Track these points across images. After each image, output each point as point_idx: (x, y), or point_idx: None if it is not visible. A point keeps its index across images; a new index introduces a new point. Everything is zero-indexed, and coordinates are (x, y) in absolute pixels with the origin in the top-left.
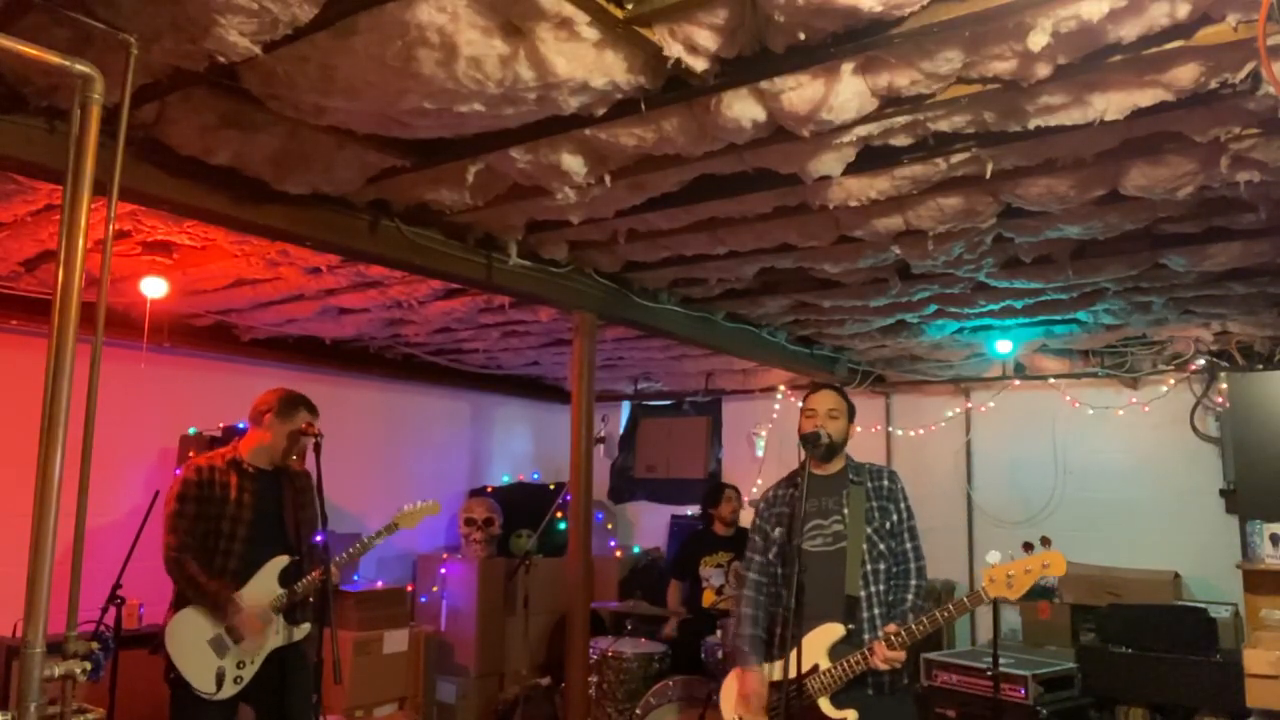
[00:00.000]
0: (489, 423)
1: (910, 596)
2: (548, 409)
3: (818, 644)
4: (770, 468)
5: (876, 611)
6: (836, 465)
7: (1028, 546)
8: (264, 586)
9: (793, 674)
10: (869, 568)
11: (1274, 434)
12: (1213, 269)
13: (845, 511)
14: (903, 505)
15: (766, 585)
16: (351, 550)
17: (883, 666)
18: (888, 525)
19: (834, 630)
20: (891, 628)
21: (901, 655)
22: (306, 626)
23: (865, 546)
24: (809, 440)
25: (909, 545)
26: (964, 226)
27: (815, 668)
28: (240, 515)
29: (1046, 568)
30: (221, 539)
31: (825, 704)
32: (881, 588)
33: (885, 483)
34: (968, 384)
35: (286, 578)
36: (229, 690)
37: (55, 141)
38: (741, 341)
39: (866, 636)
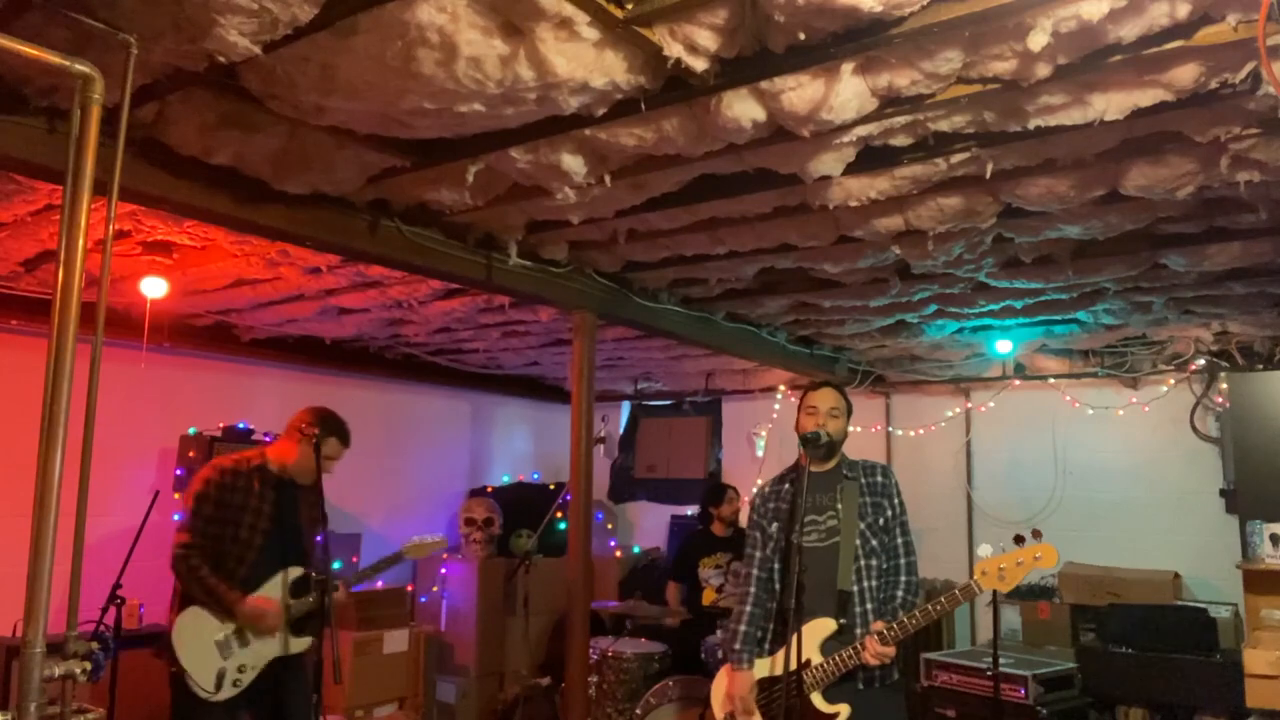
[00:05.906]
0: (489, 423)
1: (900, 593)
2: (548, 409)
3: (810, 639)
4: (770, 468)
5: (869, 606)
6: (832, 462)
7: (1019, 539)
8: (273, 596)
9: (793, 670)
10: (862, 563)
11: (1274, 434)
12: (1213, 269)
13: (839, 507)
14: (896, 501)
15: (766, 581)
16: (356, 575)
17: (873, 662)
18: (880, 521)
19: (826, 625)
20: (880, 625)
21: (891, 651)
22: (306, 640)
23: (858, 542)
24: (810, 440)
25: (900, 541)
26: (964, 226)
27: (807, 662)
28: (257, 524)
29: (1038, 560)
30: (237, 545)
31: (818, 699)
32: (874, 583)
33: (879, 478)
34: (968, 384)
35: (297, 589)
36: (227, 692)
37: (55, 141)
38: (741, 341)
39: (858, 631)
